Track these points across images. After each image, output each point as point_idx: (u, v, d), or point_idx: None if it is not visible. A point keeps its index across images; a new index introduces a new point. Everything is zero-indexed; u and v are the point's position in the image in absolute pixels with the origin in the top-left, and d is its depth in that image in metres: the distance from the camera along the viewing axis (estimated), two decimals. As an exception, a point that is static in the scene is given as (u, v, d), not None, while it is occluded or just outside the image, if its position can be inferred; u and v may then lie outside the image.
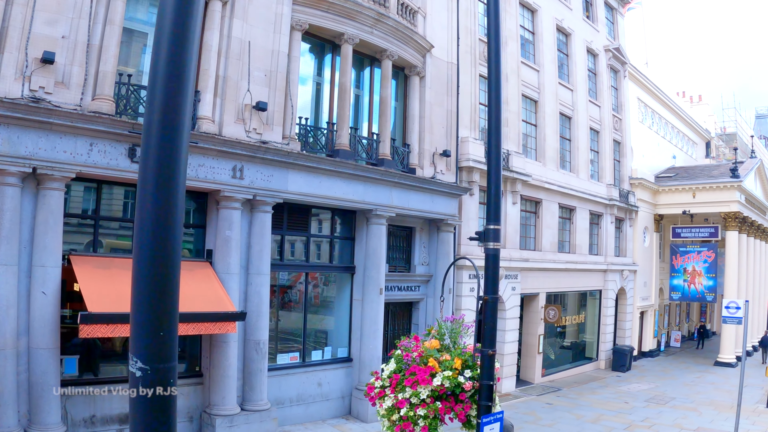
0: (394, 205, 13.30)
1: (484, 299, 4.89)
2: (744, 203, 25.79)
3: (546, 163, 19.19)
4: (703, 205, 25.37)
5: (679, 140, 33.35)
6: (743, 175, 25.52)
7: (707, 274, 25.36)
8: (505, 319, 16.95)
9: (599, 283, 22.34)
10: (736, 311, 14.34)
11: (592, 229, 22.40)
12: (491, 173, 4.83)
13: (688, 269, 25.83)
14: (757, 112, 70.87)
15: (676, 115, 32.39)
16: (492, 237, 4.85)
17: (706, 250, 25.52)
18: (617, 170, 24.55)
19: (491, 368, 4.75)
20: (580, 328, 22.53)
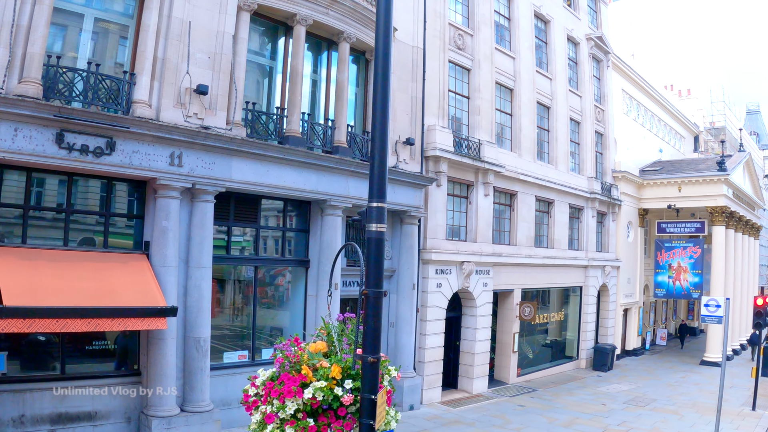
0: (350, 196, 12.85)
1: (364, 293, 4.20)
2: (731, 198, 25.48)
3: (522, 154, 18.77)
4: (690, 200, 25.04)
5: (666, 134, 33.01)
6: (731, 169, 25.19)
7: (693, 270, 25.03)
8: (476, 316, 16.54)
9: (580, 280, 21.95)
10: (716, 309, 13.86)
11: (573, 223, 22.01)
12: (375, 137, 4.28)
13: (673, 265, 25.49)
14: (748, 107, 72.15)
15: (664, 108, 32.04)
16: (375, 217, 4.29)
17: (692, 245, 25.19)
18: (600, 163, 24.17)
19: (374, 379, 4.04)
20: (560, 326, 22.16)
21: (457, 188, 16.44)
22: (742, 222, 28.32)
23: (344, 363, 4.19)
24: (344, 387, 4.06)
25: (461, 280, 15.77)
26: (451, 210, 16.23)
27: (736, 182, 25.83)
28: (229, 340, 12.28)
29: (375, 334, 4.13)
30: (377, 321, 4.19)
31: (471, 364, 16.53)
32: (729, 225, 26.06)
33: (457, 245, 15.81)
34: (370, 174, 4.24)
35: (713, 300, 14.06)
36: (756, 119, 71.83)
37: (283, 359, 4.31)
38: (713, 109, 37.02)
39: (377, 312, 4.20)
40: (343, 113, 12.96)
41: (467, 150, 16.32)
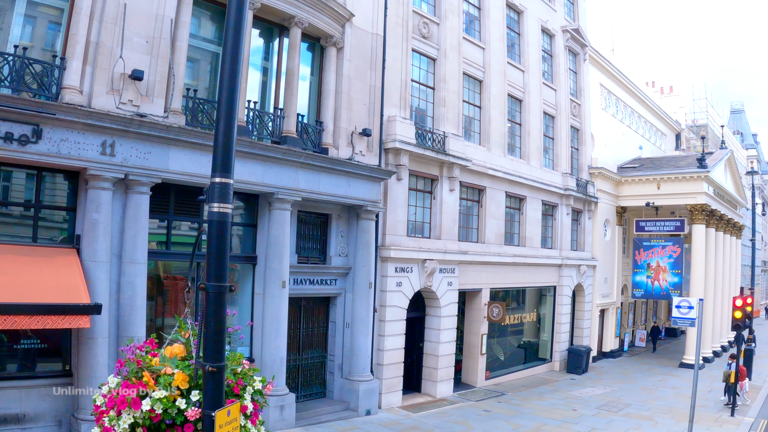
0: (300, 189, 12.68)
1: (200, 288, 3.69)
2: (712, 195, 25.69)
3: (491, 148, 18.73)
4: (669, 197, 25.21)
5: (647, 131, 33.24)
6: (711, 166, 25.39)
7: (672, 270, 25.19)
8: (440, 317, 16.45)
9: (553, 279, 21.98)
10: (689, 311, 13.65)
11: (546, 220, 22.04)
12: (222, 102, 3.95)
13: (651, 265, 25.64)
14: (732, 107, 72.95)
15: (644, 105, 32.26)
16: (218, 195, 3.79)
17: (671, 244, 25.36)
18: (575, 159, 24.23)
19: (216, 391, 3.58)
20: (533, 327, 22.16)
21: (420, 183, 16.34)
22: (723, 221, 28.58)
23: (190, 370, 3.74)
24: (190, 399, 3.63)
25: (423, 278, 15.66)
26: (414, 205, 16.12)
27: (717, 180, 26.06)
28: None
29: (217, 337, 3.68)
30: (219, 322, 3.72)
31: (435, 366, 16.42)
32: (710, 224, 26.27)
33: (420, 242, 15.70)
34: (213, 145, 3.88)
35: (685, 301, 13.82)
36: (740, 118, 72.85)
37: (124, 363, 3.87)
38: (695, 106, 37.36)
39: (219, 311, 3.73)
40: (292, 102, 12.79)
41: (432, 143, 16.22)
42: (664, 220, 25.92)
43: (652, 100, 33.36)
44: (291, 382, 13.64)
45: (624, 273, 27.44)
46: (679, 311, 13.71)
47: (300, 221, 13.73)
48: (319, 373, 14.52)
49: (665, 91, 41.44)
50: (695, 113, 37.43)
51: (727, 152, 28.40)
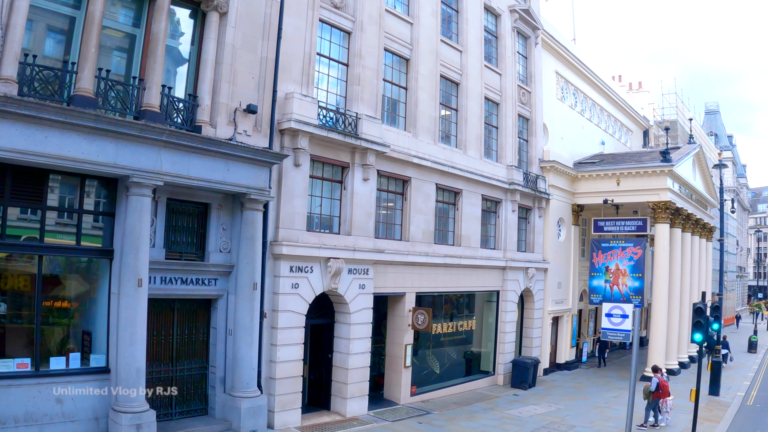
0: (163, 172, 11.43)
1: None
2: (677, 192, 25.00)
3: (418, 134, 17.69)
4: (629, 194, 24.43)
5: (611, 126, 32.66)
6: (677, 160, 24.71)
7: (633, 273, 24.39)
8: (350, 324, 15.27)
9: (496, 283, 20.98)
10: (622, 321, 12.24)
11: (488, 218, 21.07)
12: None
13: (610, 268, 24.81)
14: (707, 107, 73.89)
15: (608, 98, 31.65)
16: None
17: (632, 246, 24.57)
18: (525, 151, 23.37)
19: None
20: (475, 337, 21.12)
21: (327, 170, 15.22)
22: (691, 221, 27.96)
23: None
24: None
25: (327, 280, 14.50)
26: (319, 196, 14.99)
27: (683, 176, 25.39)
28: (8, 345, 10.75)
29: None
30: None
31: (344, 381, 15.23)
32: (675, 223, 25.59)
33: (323, 238, 14.55)
34: None
35: (618, 308, 12.45)
36: (715, 119, 73.44)
37: None
38: (664, 101, 36.94)
39: None
40: (155, 71, 11.56)
41: (343, 125, 15.13)
42: (625, 220, 25.16)
43: (617, 93, 32.77)
44: (163, 397, 12.39)
45: (583, 277, 26.63)
46: (611, 321, 12.35)
47: (172, 211, 12.50)
48: (200, 387, 13.23)
49: (634, 86, 41.14)
50: (664, 108, 36.98)
51: (695, 147, 27.82)
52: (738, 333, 46.44)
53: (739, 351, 34.67)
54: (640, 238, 24.70)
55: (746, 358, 32.57)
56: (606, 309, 12.60)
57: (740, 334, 44.68)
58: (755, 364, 30.21)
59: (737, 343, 37.24)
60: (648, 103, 38.58)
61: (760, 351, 36.21)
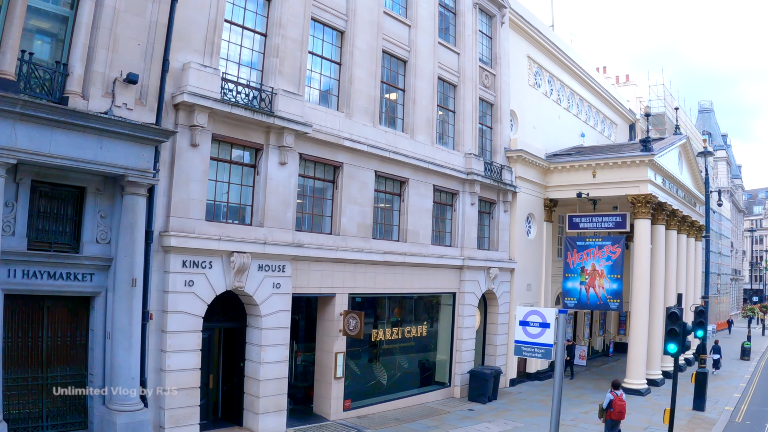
0: (18, 148, 10.03)
1: None
2: (660, 186, 23.53)
3: (353, 115, 16.32)
4: (607, 187, 22.96)
5: (593, 117, 31.26)
6: (659, 150, 23.28)
7: (611, 274, 22.89)
8: (263, 329, 13.82)
9: (452, 284, 19.54)
10: (541, 332, 9.28)
11: (442, 211, 19.66)
12: None
13: (586, 268, 23.33)
14: (701, 106, 73.44)
15: (589, 89, 30.26)
16: None
17: (609, 244, 23.07)
18: (488, 139, 21.97)
19: None
20: (429, 344, 19.67)
21: (237, 153, 13.86)
22: (677, 218, 26.47)
23: None
24: None
25: (231, 277, 13.10)
26: (226, 182, 13.61)
27: (667, 167, 23.92)
28: None
29: None
30: None
31: (256, 394, 13.81)
32: (658, 219, 24.13)
33: (227, 229, 13.16)
34: None
35: (536, 314, 9.45)
36: (709, 118, 72.78)
37: None
38: (651, 93, 35.50)
39: None
40: (11, 34, 10.15)
41: (258, 102, 13.78)
42: (603, 215, 23.69)
43: (600, 83, 31.35)
44: (32, 409, 11.05)
45: (558, 279, 25.14)
46: (526, 332, 9.40)
47: (39, 194, 11.15)
48: (78, 398, 11.84)
49: (621, 80, 40.11)
50: (651, 101, 35.54)
51: (681, 138, 26.35)
52: (731, 338, 44.87)
53: (731, 358, 33.28)
54: (619, 236, 23.20)
55: (738, 366, 30.98)
56: (521, 315, 9.74)
57: (733, 339, 43.21)
58: (747, 373, 28.59)
59: (729, 349, 35.89)
60: (636, 96, 37.47)
61: (753, 358, 34.48)
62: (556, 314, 9.37)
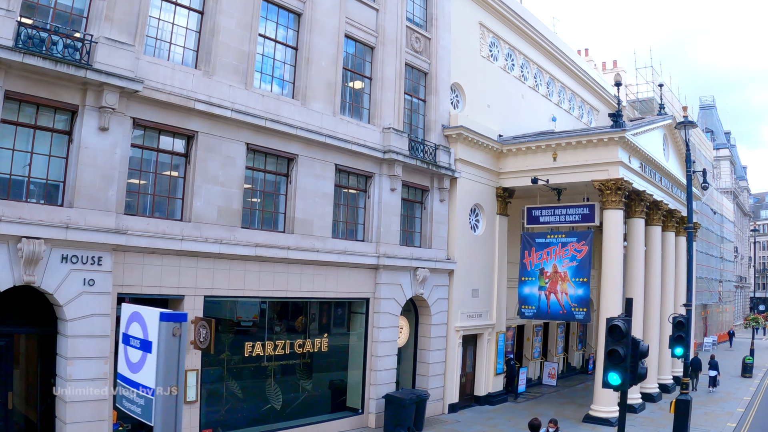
0: None
1: None
2: (636, 171, 20.26)
3: (214, 73, 13.40)
4: (571, 172, 19.71)
5: (567, 101, 28.06)
6: (633, 127, 20.08)
7: (575, 277, 19.59)
8: (68, 337, 10.93)
9: (364, 288, 16.44)
10: (141, 362, 5.51)
11: (351, 198, 16.64)
12: None
13: (546, 270, 20.07)
14: (702, 102, 70.71)
15: (563, 68, 27.11)
16: None
17: (574, 241, 19.80)
18: (420, 114, 18.96)
19: None
20: (335, 361, 16.56)
21: (45, 116, 11.09)
22: (661, 211, 23.13)
23: None
24: None
25: (19, 269, 10.26)
26: (27, 151, 10.82)
27: (646, 149, 20.65)
28: None
29: None
30: None
31: (63, 419, 10.92)
32: (635, 211, 20.91)
33: (17, 209, 10.32)
34: None
35: (138, 320, 5.64)
36: (711, 115, 70.45)
37: None
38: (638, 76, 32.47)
39: None
40: None
41: (73, 53, 11.01)
42: (567, 206, 20.48)
43: (577, 63, 28.15)
44: None
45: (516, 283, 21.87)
46: (128, 359, 5.71)
47: None
48: None
49: (608, 66, 37.43)
50: (638, 85, 32.41)
51: (665, 118, 23.06)
52: (732, 351, 41.06)
53: (730, 375, 29.70)
54: (586, 232, 19.93)
55: (738, 385, 27.29)
56: (124, 319, 5.95)
57: (735, 353, 39.37)
58: (747, 394, 24.97)
59: (730, 365, 32.33)
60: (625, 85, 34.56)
61: (756, 375, 30.52)
62: (158, 325, 5.22)
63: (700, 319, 40.80)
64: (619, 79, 20.15)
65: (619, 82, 20.09)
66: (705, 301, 40.73)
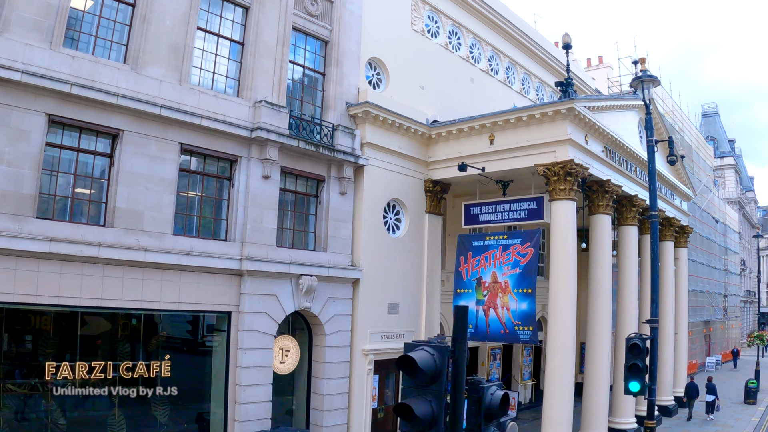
0: None
1: None
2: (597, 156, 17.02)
3: (9, 30, 10.95)
4: (510, 156, 16.49)
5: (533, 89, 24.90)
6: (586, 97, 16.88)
7: (519, 288, 16.20)
8: None
9: (223, 299, 13.43)
10: None
11: (206, 187, 13.79)
12: None
13: (484, 280, 16.79)
14: (704, 109, 69.76)
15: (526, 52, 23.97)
16: None
17: (518, 243, 16.47)
18: (317, 89, 16.19)
19: None
20: (195, 390, 13.59)
21: None
22: (636, 208, 19.59)
23: None
24: None
25: None
26: None
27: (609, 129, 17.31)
28: None
29: None
30: None
31: None
32: (598, 206, 17.64)
33: None
34: None
35: None
36: (714, 122, 69.07)
37: None
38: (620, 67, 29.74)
39: None
40: None
41: None
42: (511, 201, 17.26)
43: (543, 47, 24.97)
44: None
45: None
46: None
47: None
48: None
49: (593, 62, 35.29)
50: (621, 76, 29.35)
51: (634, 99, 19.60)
52: (737, 372, 36.95)
53: (732, 401, 25.99)
54: (533, 231, 16.59)
55: (739, 414, 23.46)
56: None
57: (740, 374, 35.09)
58: (749, 426, 21.11)
59: (732, 388, 28.59)
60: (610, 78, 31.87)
61: (761, 400, 26.40)
62: None
63: (702, 337, 37.77)
64: (567, 40, 16.98)
65: (568, 43, 16.88)
66: (707, 316, 37.41)
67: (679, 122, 29.89)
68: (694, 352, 34.69)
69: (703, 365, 36.85)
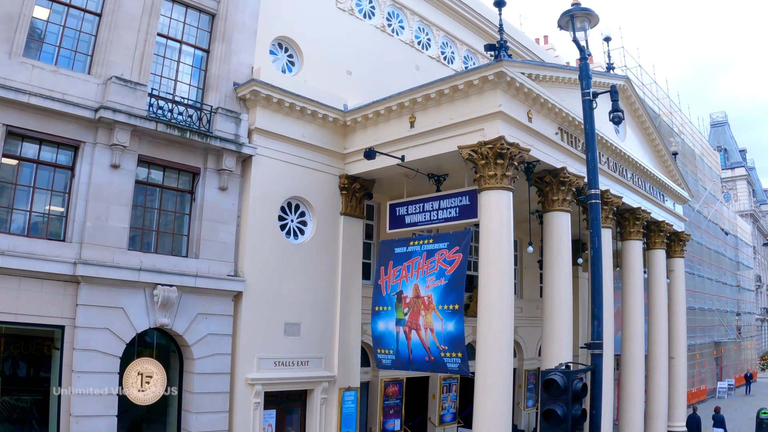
0: None
1: None
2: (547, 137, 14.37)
3: None
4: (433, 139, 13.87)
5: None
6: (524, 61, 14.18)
7: (443, 304, 13.49)
8: None
9: (52, 310, 11.19)
10: None
11: (38, 177, 11.65)
12: None
13: (405, 294, 14.16)
14: (713, 119, 69.14)
15: (482, 35, 21.42)
16: None
17: (444, 247, 13.84)
18: (200, 68, 14.08)
19: None
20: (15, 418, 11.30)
21: None
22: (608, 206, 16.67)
23: None
24: None
25: None
26: None
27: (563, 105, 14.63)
28: None
29: None
30: None
31: None
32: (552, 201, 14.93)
33: None
34: None
35: None
36: (723, 132, 68.03)
37: None
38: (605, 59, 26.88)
39: None
40: None
41: None
42: (440, 197, 14.68)
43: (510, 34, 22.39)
44: None
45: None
46: None
47: None
48: None
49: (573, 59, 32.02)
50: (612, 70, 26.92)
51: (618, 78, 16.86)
52: (752, 398, 33.42)
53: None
54: (463, 233, 13.95)
55: None
56: None
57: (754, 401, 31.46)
58: None
59: (744, 417, 25.73)
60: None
61: None
62: None
63: (712, 360, 34.75)
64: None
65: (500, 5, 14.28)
66: (718, 337, 34.12)
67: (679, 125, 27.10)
68: (703, 376, 31.89)
69: (714, 390, 34.01)
